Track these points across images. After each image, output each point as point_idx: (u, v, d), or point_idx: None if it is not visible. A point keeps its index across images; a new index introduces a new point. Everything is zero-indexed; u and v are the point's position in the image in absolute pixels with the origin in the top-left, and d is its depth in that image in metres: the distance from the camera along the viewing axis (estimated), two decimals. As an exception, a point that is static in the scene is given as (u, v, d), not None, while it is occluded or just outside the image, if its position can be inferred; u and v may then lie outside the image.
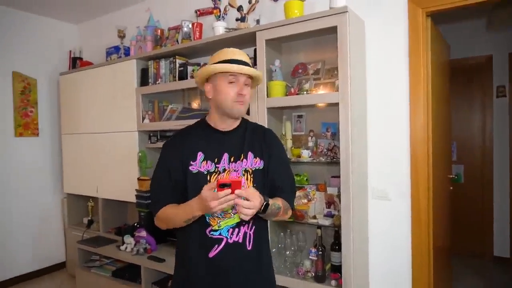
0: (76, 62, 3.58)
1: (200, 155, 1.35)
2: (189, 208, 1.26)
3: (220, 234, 1.33)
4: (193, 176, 1.33)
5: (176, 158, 1.36)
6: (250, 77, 1.35)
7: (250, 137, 1.42)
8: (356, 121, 2.06)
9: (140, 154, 2.88)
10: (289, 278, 2.21)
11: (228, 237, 1.34)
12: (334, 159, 2.14)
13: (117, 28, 3.26)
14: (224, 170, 1.35)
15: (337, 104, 2.00)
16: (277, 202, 1.35)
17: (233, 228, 1.34)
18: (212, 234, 1.33)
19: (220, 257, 1.33)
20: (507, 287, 3.33)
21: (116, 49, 3.32)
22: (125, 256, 2.81)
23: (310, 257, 2.18)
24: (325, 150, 2.24)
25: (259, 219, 1.39)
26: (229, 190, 1.16)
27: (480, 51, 3.80)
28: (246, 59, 1.36)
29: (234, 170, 1.35)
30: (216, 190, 1.15)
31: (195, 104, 2.95)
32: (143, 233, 2.83)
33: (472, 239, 3.94)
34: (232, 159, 1.36)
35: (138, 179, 2.85)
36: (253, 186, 1.35)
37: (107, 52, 3.40)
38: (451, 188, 2.90)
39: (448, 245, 2.86)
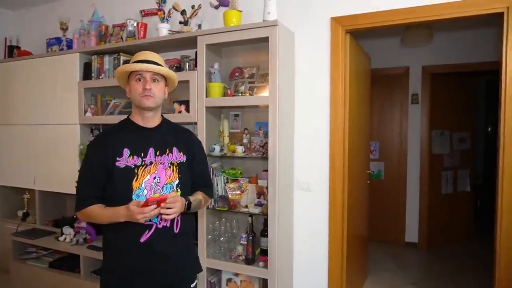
0: (13, 51, 3.48)
1: (126, 151, 1.48)
2: (116, 214, 1.43)
3: (150, 221, 1.48)
4: (121, 171, 1.46)
5: (101, 156, 1.47)
6: (161, 75, 1.52)
7: (174, 135, 1.62)
8: (284, 121, 2.34)
9: (81, 147, 2.93)
10: (222, 261, 2.45)
11: (158, 222, 1.50)
12: (265, 155, 2.39)
13: (60, 19, 3.23)
14: (151, 163, 1.51)
15: (268, 106, 2.26)
16: (198, 197, 1.61)
17: (161, 214, 1.49)
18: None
19: (151, 241, 1.48)
20: (414, 266, 3.90)
21: (58, 40, 3.30)
22: (64, 246, 2.86)
23: (241, 242, 2.43)
24: (258, 147, 2.50)
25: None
26: (154, 206, 1.37)
27: (399, 63, 4.33)
28: (155, 59, 1.51)
29: (161, 163, 1.53)
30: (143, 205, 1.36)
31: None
32: (83, 224, 2.89)
33: (388, 228, 4.49)
34: (157, 153, 1.53)
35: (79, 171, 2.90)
36: (179, 177, 1.56)
37: (48, 43, 3.35)
38: (369, 182, 3.33)
39: (364, 232, 3.27)
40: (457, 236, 4.50)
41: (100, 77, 2.92)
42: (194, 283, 1.67)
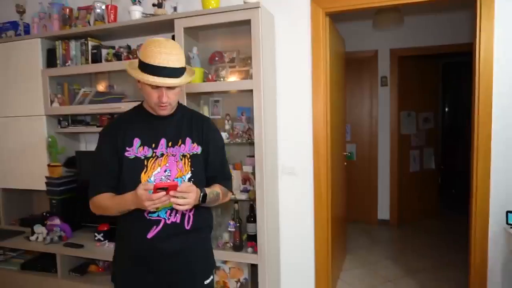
0: (-39, 37, 3.15)
1: (137, 141, 1.41)
2: (124, 202, 1.34)
3: (158, 216, 1.41)
4: (130, 162, 1.39)
5: (111, 145, 1.41)
6: None
7: (188, 124, 1.50)
8: (268, 106, 2.31)
9: (50, 139, 2.74)
10: (210, 250, 2.42)
11: (166, 218, 1.42)
12: (249, 141, 2.37)
13: (15, 2, 2.95)
14: (162, 154, 1.42)
15: (251, 91, 2.22)
16: (215, 190, 1.48)
17: (171, 210, 1.41)
18: (150, 216, 1.40)
19: (158, 238, 1.40)
20: (387, 241, 4.10)
21: (13, 25, 3.01)
22: (37, 246, 2.67)
23: (229, 229, 2.41)
24: (241, 133, 2.46)
25: None
26: (163, 193, 1.24)
27: (369, 46, 4.42)
28: (175, 63, 1.33)
29: (172, 155, 1.44)
30: (152, 192, 1.23)
31: (101, 87, 2.88)
32: (57, 221, 2.73)
33: (361, 207, 4.65)
34: (169, 144, 1.44)
35: (49, 165, 2.72)
36: (191, 170, 1.45)
37: (1, 28, 3.07)
38: (345, 164, 3.41)
39: (343, 212, 3.37)
40: (424, 213, 4.75)
41: (67, 64, 2.72)
42: (209, 280, 1.57)
